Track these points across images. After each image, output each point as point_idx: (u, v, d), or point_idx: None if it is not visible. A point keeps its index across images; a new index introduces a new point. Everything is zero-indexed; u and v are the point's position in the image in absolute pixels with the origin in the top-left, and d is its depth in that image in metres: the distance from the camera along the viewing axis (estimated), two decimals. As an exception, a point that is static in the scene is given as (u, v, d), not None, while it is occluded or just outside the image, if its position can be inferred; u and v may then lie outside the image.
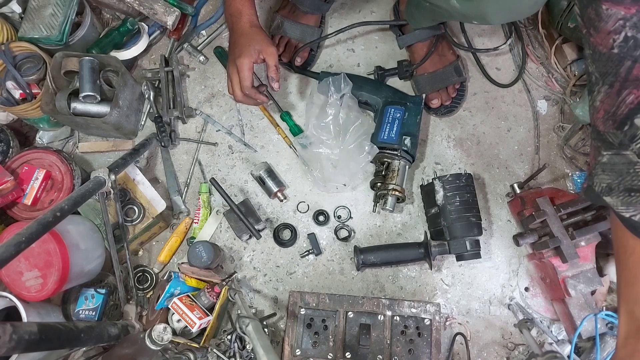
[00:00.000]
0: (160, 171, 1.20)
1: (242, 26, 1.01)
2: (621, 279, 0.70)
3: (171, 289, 1.02)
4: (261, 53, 0.99)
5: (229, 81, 1.04)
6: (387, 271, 1.13)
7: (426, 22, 1.12)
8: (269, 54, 0.99)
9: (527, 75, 1.26)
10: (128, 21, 1.18)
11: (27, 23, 1.08)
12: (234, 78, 1.01)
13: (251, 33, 1.00)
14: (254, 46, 0.98)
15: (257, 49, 0.98)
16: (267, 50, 0.99)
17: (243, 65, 0.98)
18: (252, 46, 0.98)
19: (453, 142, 1.22)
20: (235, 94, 1.03)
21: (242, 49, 0.99)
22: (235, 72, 1.00)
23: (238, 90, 1.01)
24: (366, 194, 1.18)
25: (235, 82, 1.01)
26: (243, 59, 0.98)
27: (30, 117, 1.12)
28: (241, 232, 1.10)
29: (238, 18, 1.01)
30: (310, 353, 1.04)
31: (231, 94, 1.05)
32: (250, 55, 0.98)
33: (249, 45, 0.98)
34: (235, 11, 1.02)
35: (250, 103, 1.06)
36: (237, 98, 1.03)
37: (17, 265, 0.92)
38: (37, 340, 0.66)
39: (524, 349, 1.08)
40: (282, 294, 1.12)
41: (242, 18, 1.01)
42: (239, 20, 1.01)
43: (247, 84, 0.99)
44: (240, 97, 1.02)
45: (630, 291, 0.68)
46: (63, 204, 0.82)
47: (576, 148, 1.20)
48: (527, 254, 1.11)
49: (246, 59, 0.98)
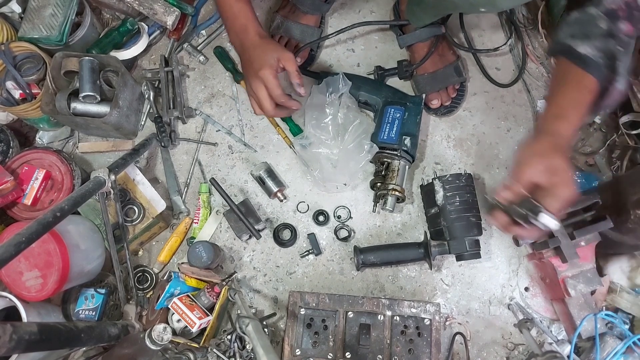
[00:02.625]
0: (160, 171, 1.20)
1: (252, 40, 0.97)
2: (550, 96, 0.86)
3: (171, 289, 1.02)
4: (279, 61, 0.95)
5: (253, 99, 0.98)
6: (387, 271, 1.13)
7: (429, 18, 1.11)
8: (287, 60, 0.95)
9: (527, 75, 1.26)
10: (128, 21, 1.18)
11: (27, 23, 1.08)
12: (261, 93, 0.95)
13: (263, 44, 0.96)
14: (271, 55, 0.94)
15: (274, 57, 0.94)
16: (285, 56, 0.95)
17: (267, 76, 0.93)
18: (269, 55, 0.94)
19: (453, 142, 1.22)
20: (266, 110, 0.97)
21: (261, 61, 0.94)
22: (260, 87, 0.94)
23: (268, 104, 0.95)
24: (366, 194, 1.18)
25: (264, 96, 0.95)
26: (265, 70, 0.93)
27: (30, 117, 1.13)
28: (241, 232, 1.10)
29: (245, 34, 0.98)
30: (310, 353, 1.04)
31: (259, 112, 0.99)
32: (270, 65, 0.94)
33: (265, 55, 0.95)
34: (241, 28, 0.98)
35: (283, 114, 1.01)
36: (269, 113, 0.98)
37: (17, 265, 0.92)
38: (37, 340, 0.66)
39: (524, 349, 1.08)
40: (282, 294, 1.12)
41: (249, 33, 0.97)
42: (246, 36, 0.97)
43: (278, 92, 0.94)
44: (272, 110, 0.97)
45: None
46: (63, 204, 0.82)
47: (576, 148, 1.20)
48: (527, 254, 1.11)
49: (268, 69, 0.93)
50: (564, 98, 0.81)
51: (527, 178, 0.75)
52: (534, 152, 0.77)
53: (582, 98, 0.80)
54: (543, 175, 0.75)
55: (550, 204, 0.73)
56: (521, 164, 0.77)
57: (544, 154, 0.76)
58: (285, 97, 0.96)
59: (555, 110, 0.81)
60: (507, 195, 0.75)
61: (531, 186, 0.76)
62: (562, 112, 0.80)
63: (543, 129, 0.80)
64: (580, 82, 0.81)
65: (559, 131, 0.79)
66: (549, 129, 0.79)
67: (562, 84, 0.83)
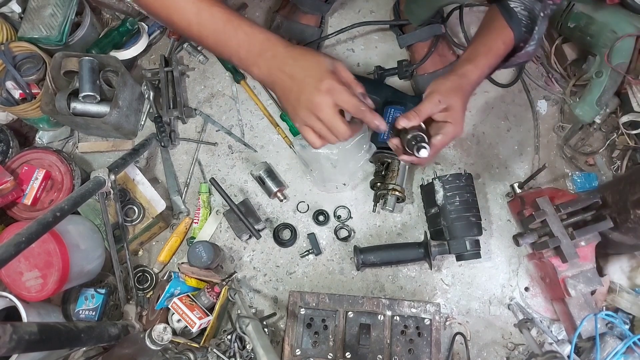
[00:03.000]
0: (160, 171, 1.20)
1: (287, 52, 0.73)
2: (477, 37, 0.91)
3: (171, 289, 1.02)
4: (336, 67, 0.74)
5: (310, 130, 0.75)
6: (387, 271, 1.13)
7: (425, 13, 1.12)
8: (342, 67, 0.75)
9: (527, 75, 1.26)
10: (128, 21, 1.18)
11: (26, 23, 1.08)
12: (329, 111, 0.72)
13: (306, 52, 0.74)
14: (326, 60, 0.73)
15: (329, 63, 0.73)
16: (338, 64, 0.74)
17: (335, 85, 0.71)
18: (324, 63, 0.73)
19: (453, 142, 1.22)
20: (342, 133, 0.73)
21: (318, 72, 0.72)
22: (328, 104, 0.71)
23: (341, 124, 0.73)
24: (366, 193, 1.18)
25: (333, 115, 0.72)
26: (329, 79, 0.71)
27: (30, 117, 1.12)
28: (241, 232, 1.10)
29: (274, 49, 0.74)
30: (310, 353, 1.04)
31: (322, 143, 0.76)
32: (331, 72, 0.72)
33: (319, 63, 0.73)
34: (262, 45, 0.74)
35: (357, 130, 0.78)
36: (346, 135, 0.74)
37: (17, 266, 0.92)
38: (37, 340, 0.66)
39: (524, 349, 1.08)
40: (282, 294, 1.12)
41: (278, 45, 0.74)
42: (276, 51, 0.73)
43: (355, 102, 0.72)
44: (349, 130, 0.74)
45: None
46: (63, 204, 0.82)
47: (576, 148, 1.20)
48: (527, 254, 1.11)
49: (331, 77, 0.71)
50: (481, 44, 0.88)
51: (425, 112, 0.81)
52: (438, 89, 0.82)
53: (496, 48, 0.87)
54: (439, 112, 0.82)
55: (436, 138, 0.81)
56: (425, 98, 0.82)
57: (445, 93, 0.82)
58: (366, 105, 0.74)
59: (469, 53, 0.88)
60: (404, 123, 0.80)
61: (428, 119, 0.82)
62: (474, 57, 0.86)
63: (455, 69, 0.86)
64: (500, 33, 0.88)
65: (466, 74, 0.85)
66: (459, 71, 0.85)
67: (484, 32, 0.90)
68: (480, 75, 0.86)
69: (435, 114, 0.81)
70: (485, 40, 0.89)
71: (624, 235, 0.96)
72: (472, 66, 0.86)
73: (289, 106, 0.76)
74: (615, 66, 1.07)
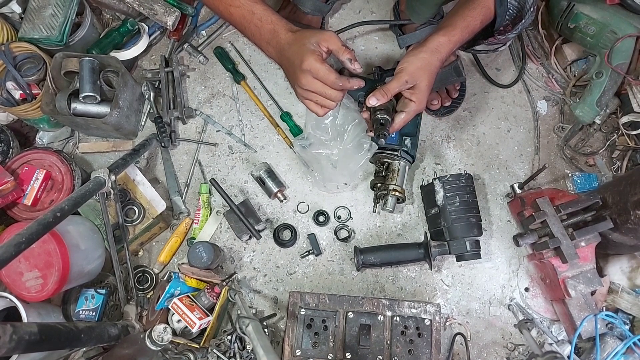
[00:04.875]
0: (160, 171, 1.20)
1: (285, 40, 0.87)
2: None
3: (171, 290, 1.02)
4: (320, 44, 0.84)
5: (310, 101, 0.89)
6: (387, 271, 1.13)
7: (429, 11, 1.12)
8: (328, 38, 0.84)
9: (527, 75, 1.26)
10: (128, 22, 1.18)
11: (27, 23, 1.08)
12: (315, 85, 0.84)
13: (297, 37, 0.86)
14: (308, 42, 0.84)
15: (313, 42, 0.84)
16: (324, 36, 0.84)
17: (313, 64, 0.82)
18: (307, 43, 0.84)
19: (453, 143, 1.22)
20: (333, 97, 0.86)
21: (300, 54, 0.84)
22: (311, 81, 0.84)
23: (330, 91, 0.86)
24: (366, 194, 1.18)
25: (320, 87, 0.85)
26: (308, 60, 0.82)
27: (30, 118, 1.13)
28: (241, 233, 1.10)
29: (277, 37, 0.88)
30: (310, 353, 1.04)
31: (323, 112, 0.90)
32: (312, 52, 0.83)
33: (303, 45, 0.84)
34: (271, 34, 0.88)
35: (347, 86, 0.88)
36: (337, 98, 0.87)
37: (18, 266, 0.92)
38: (37, 341, 0.66)
39: (524, 349, 1.08)
40: (282, 295, 1.12)
41: (280, 34, 0.87)
42: (278, 39, 0.87)
43: (333, 77, 0.83)
44: (339, 93, 0.86)
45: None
46: (63, 204, 0.82)
47: (576, 148, 1.20)
48: (527, 255, 1.11)
49: (310, 57, 0.82)
50: (460, 18, 0.91)
51: (392, 90, 0.89)
52: (407, 69, 0.88)
53: (473, 26, 0.91)
54: (405, 90, 0.91)
55: (399, 116, 0.92)
56: (394, 77, 0.89)
57: (413, 73, 0.88)
58: (344, 79, 0.85)
59: (447, 24, 0.91)
60: (373, 102, 0.89)
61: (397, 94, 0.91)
62: (451, 30, 0.90)
63: (429, 41, 0.90)
64: (483, 13, 0.92)
65: (438, 49, 0.89)
66: (432, 45, 0.89)
67: (467, 5, 0.92)
68: (451, 49, 0.91)
69: (402, 92, 0.91)
70: (466, 14, 0.91)
71: (624, 236, 0.96)
72: (445, 39, 0.89)
73: (291, 85, 0.91)
74: (615, 67, 1.07)
